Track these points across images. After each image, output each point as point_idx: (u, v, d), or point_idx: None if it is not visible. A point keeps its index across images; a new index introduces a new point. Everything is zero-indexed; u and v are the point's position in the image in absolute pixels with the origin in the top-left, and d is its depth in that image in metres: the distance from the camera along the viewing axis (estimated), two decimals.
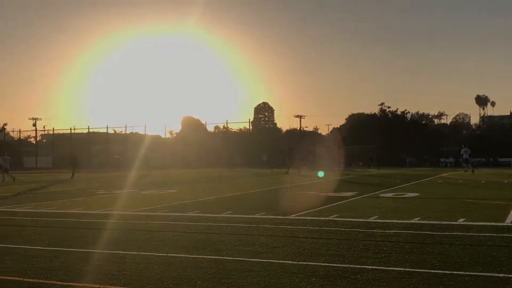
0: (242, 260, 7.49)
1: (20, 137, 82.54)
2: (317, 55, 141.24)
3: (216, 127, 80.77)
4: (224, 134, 76.19)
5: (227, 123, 76.00)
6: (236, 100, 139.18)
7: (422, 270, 6.68)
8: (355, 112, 79.02)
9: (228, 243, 8.91)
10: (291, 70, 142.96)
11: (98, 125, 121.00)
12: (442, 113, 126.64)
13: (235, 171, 47.22)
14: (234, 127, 78.15)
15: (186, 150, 64.61)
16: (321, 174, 35.84)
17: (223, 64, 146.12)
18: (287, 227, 10.81)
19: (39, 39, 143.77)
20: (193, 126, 74.92)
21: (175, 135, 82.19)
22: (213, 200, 17.68)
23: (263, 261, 7.39)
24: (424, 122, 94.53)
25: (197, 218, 12.49)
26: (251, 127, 75.39)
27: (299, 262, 7.27)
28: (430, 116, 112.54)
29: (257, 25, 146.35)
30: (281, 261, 7.36)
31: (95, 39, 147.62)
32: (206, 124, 76.86)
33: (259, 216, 12.58)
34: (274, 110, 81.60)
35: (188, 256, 7.82)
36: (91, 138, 77.04)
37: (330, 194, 18.78)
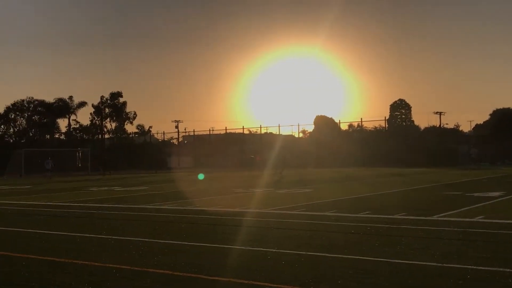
0: (383, 260, 7.34)
1: (164, 138, 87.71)
2: (456, 48, 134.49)
3: (350, 126, 79.97)
4: (359, 132, 75.17)
5: (361, 121, 74.76)
6: (370, 97, 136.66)
7: None
8: (500, 107, 73.80)
9: (367, 243, 8.78)
10: (429, 65, 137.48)
11: (235, 126, 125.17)
12: None
13: (370, 170, 46.39)
14: (368, 125, 76.84)
15: (319, 149, 64.63)
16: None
17: (356, 61, 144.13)
18: (430, 228, 10.41)
19: (181, 45, 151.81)
20: (327, 125, 74.77)
21: (308, 134, 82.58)
22: (350, 199, 17.51)
23: (405, 262, 7.19)
24: None
25: (334, 217, 12.44)
26: (386, 125, 73.69)
27: (444, 265, 6.97)
28: None
29: (392, 19, 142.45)
30: (424, 263, 7.11)
31: (231, 44, 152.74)
32: (339, 122, 76.38)
33: (400, 217, 12.24)
34: (411, 107, 78.86)
35: (328, 255, 7.81)
36: (228, 139, 79.78)
37: (476, 194, 17.79)
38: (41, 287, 6.27)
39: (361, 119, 75.25)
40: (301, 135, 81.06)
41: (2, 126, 77.26)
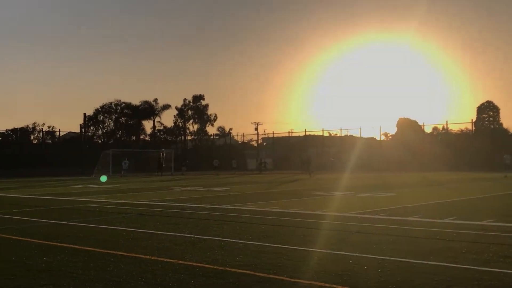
0: (470, 268, 7.07)
1: (243, 140, 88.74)
2: None
3: (435, 129, 77.57)
4: (444, 135, 72.82)
5: (446, 123, 72.40)
6: (455, 100, 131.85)
7: None
8: None
9: (454, 250, 8.48)
10: None
11: (314, 128, 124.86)
12: None
13: (456, 174, 44.81)
14: (454, 128, 74.20)
15: (402, 152, 63.10)
16: None
17: (441, 61, 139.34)
18: None
19: (261, 47, 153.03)
20: (410, 128, 72.90)
21: (390, 137, 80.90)
22: (434, 204, 16.99)
23: (494, 271, 6.89)
24: None
25: (418, 223, 12.11)
26: (473, 128, 70.90)
27: None
28: None
29: (479, 20, 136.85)
30: None
31: (310, 43, 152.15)
32: (423, 125, 74.27)
33: (488, 223, 11.74)
34: (499, 109, 75.35)
35: (412, 261, 7.61)
36: (308, 141, 79.55)
37: None
38: (129, 282, 6.51)
39: (447, 121, 72.88)
40: (383, 138, 79.49)
41: (91, 128, 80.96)
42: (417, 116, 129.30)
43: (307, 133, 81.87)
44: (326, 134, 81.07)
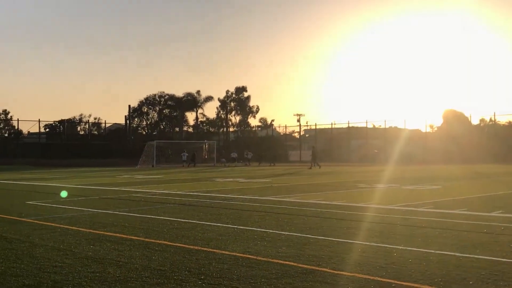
0: None
1: (285, 132, 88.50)
2: None
3: (482, 120, 75.73)
4: (491, 127, 71.02)
5: (494, 115, 70.51)
6: (503, 91, 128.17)
7: None
8: None
9: (501, 244, 8.29)
10: None
11: (358, 120, 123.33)
12: None
13: (504, 167, 43.68)
14: (502, 119, 72.20)
15: (448, 144, 61.85)
16: None
17: (487, 51, 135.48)
18: None
19: (302, 38, 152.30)
20: (456, 119, 71.34)
21: (436, 129, 79.39)
22: (481, 197, 16.61)
23: None
24: None
25: (464, 216, 11.87)
26: None
27: None
28: None
29: None
30: None
31: (352, 35, 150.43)
32: (470, 117, 72.57)
33: None
34: None
35: (458, 254, 7.47)
36: (351, 133, 78.83)
37: None
38: (173, 271, 6.60)
39: (494, 113, 70.96)
40: (428, 129, 78.05)
41: (136, 119, 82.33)
42: (463, 107, 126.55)
43: (350, 125, 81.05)
44: (370, 125, 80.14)
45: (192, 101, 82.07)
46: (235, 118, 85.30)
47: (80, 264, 7.08)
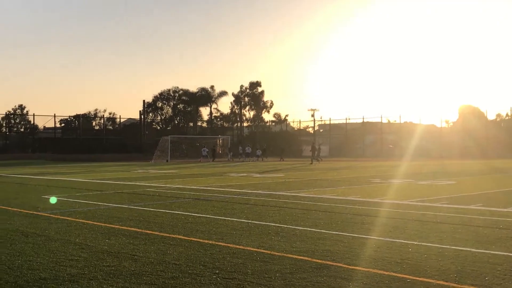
0: None
1: (299, 127, 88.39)
2: None
3: (498, 115, 75.10)
4: (507, 122, 70.39)
5: (511, 110, 69.83)
6: None
7: None
8: None
9: None
10: None
11: (372, 116, 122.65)
12: None
13: None
14: None
15: (464, 139, 61.43)
16: None
17: (505, 46, 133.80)
18: None
19: (316, 34, 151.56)
20: (472, 115, 70.80)
21: (451, 124, 78.87)
22: (497, 193, 16.48)
23: None
24: None
25: (480, 211, 11.77)
26: None
27: None
28: None
29: None
30: None
31: (366, 29, 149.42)
32: (486, 112, 71.94)
33: None
34: None
35: (473, 250, 7.42)
36: (365, 128, 78.52)
37: None
38: (188, 265, 6.63)
39: (511, 108, 70.24)
40: (444, 124, 77.52)
41: (150, 114, 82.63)
42: (479, 102, 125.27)
43: (365, 120, 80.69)
44: (384, 120, 79.75)
45: (206, 96, 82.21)
46: (249, 113, 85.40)
47: (96, 258, 7.13)
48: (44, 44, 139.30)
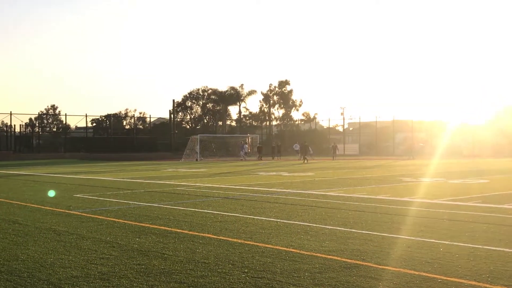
0: None
1: (329, 125, 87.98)
2: None
3: None
4: None
5: None
6: None
7: None
8: None
9: None
10: None
11: (403, 114, 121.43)
12: None
13: None
14: None
15: (497, 137, 60.29)
16: None
17: None
18: None
19: (344, 31, 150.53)
20: (505, 113, 69.44)
21: (484, 122, 77.51)
22: None
23: None
24: None
25: None
26: None
27: None
28: None
29: None
30: None
31: (393, 26, 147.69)
32: None
33: None
34: None
35: (506, 250, 7.30)
36: (395, 126, 77.72)
37: None
38: (217, 264, 6.66)
39: None
40: (476, 122, 76.16)
41: (180, 113, 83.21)
42: None
43: (395, 119, 79.86)
44: (415, 118, 78.76)
45: (235, 95, 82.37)
46: (278, 112, 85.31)
47: (126, 256, 7.22)
48: (76, 45, 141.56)
